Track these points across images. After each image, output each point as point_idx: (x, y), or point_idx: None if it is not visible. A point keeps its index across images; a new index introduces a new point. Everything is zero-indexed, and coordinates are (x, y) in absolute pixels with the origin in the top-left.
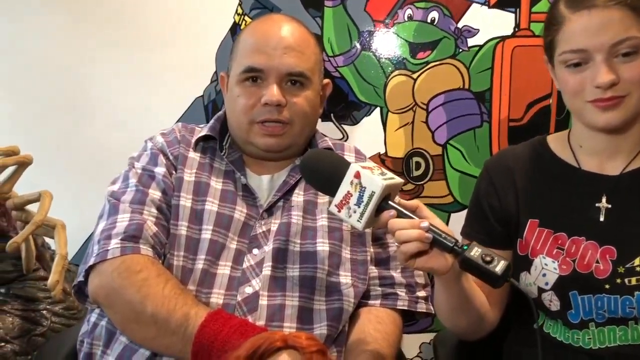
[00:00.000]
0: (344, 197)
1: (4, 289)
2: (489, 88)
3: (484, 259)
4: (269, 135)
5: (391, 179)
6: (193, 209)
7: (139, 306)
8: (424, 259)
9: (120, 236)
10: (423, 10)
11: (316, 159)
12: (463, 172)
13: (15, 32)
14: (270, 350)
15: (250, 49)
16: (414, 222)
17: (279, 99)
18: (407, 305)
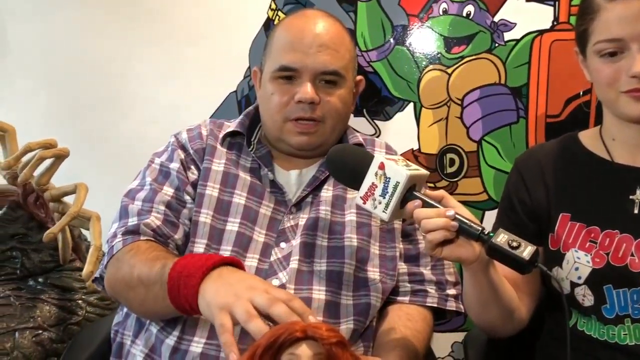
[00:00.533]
0: (369, 189)
1: (42, 279)
2: (526, 83)
3: (510, 245)
4: (302, 133)
5: (416, 170)
6: (220, 199)
7: (129, 274)
8: (451, 248)
9: (122, 232)
10: (458, 4)
11: (341, 153)
12: (498, 169)
13: (54, 30)
14: (290, 340)
15: (285, 47)
16: (440, 211)
17: (313, 96)
18: (437, 303)
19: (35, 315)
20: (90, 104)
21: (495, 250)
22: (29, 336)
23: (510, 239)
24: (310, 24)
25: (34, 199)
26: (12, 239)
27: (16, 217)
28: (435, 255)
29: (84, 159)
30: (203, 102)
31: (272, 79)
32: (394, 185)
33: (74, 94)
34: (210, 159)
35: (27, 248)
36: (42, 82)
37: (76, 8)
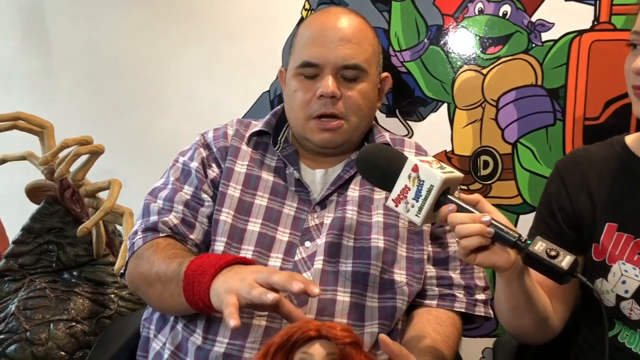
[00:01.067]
0: (401, 192)
1: (76, 272)
2: (564, 85)
3: (548, 254)
4: (325, 130)
5: (450, 173)
6: (241, 200)
7: (148, 270)
8: (486, 255)
9: (142, 229)
10: (495, 4)
11: (372, 153)
12: (534, 172)
13: (96, 29)
14: (303, 338)
15: (307, 42)
16: (475, 216)
17: (334, 90)
18: (465, 308)
19: (69, 308)
20: (129, 101)
21: (533, 259)
22: (63, 328)
23: (549, 247)
24: (332, 19)
25: (70, 194)
26: (49, 233)
27: (53, 211)
28: (469, 261)
29: (121, 156)
30: (238, 101)
31: (294, 76)
32: (427, 188)
33: (113, 91)
34: (233, 159)
35: (63, 242)
36: (83, 80)
37: (117, 8)
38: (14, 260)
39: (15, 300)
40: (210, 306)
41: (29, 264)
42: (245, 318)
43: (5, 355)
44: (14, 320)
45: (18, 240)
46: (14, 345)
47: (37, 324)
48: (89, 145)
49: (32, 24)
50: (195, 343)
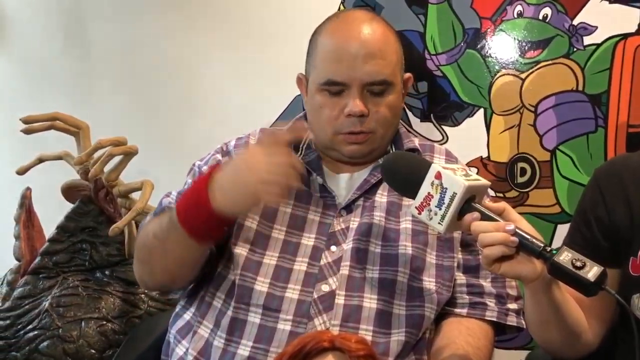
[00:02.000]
0: (424, 199)
1: (108, 271)
2: (606, 90)
3: (574, 264)
4: (353, 143)
5: (475, 180)
6: (266, 207)
7: (146, 238)
8: (510, 264)
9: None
10: (534, 7)
11: (397, 160)
12: (573, 180)
13: (133, 33)
14: (316, 350)
15: (330, 57)
16: (499, 225)
17: (362, 109)
18: (497, 317)
19: (100, 307)
20: (163, 104)
21: (558, 269)
22: (93, 326)
23: (575, 257)
24: (354, 31)
25: (104, 194)
26: (83, 232)
27: (87, 211)
28: (492, 270)
29: (154, 158)
30: (271, 104)
31: (318, 91)
32: (450, 196)
33: (148, 94)
34: None
35: (96, 241)
36: (119, 82)
37: (154, 12)
38: (48, 258)
39: (49, 298)
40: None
41: (63, 262)
42: (270, 322)
43: (38, 351)
44: (47, 317)
45: (53, 238)
46: (47, 341)
47: (69, 321)
48: (123, 146)
49: (73, 27)
50: (218, 347)
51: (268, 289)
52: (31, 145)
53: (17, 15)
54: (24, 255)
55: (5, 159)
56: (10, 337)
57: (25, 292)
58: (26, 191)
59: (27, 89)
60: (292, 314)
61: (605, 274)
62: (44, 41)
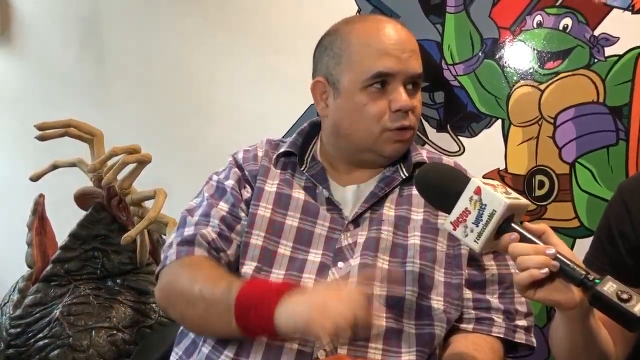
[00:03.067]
0: (460, 215)
1: (119, 280)
2: (628, 102)
3: (619, 296)
4: (399, 141)
5: (516, 199)
6: (272, 220)
7: (189, 288)
8: (547, 291)
9: (177, 243)
10: (555, 17)
11: (433, 172)
12: (593, 194)
13: (150, 40)
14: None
15: (375, 53)
16: (539, 248)
17: (412, 102)
18: (504, 333)
19: (111, 316)
20: (178, 111)
21: (601, 300)
22: (104, 335)
23: (620, 289)
24: (392, 29)
25: (117, 202)
26: (95, 240)
27: (100, 218)
28: (527, 297)
29: (168, 166)
30: (287, 112)
31: (362, 88)
32: (489, 213)
33: (163, 102)
34: (263, 179)
35: (108, 249)
36: (135, 89)
37: (169, 20)
38: (60, 266)
39: (60, 306)
40: (272, 332)
41: (75, 270)
42: (278, 341)
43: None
44: (58, 325)
45: (65, 245)
46: (57, 350)
47: (80, 330)
48: (136, 155)
49: (89, 34)
50: None
51: None
52: (46, 152)
53: (35, 22)
54: (36, 262)
55: (20, 165)
56: (20, 346)
57: (36, 299)
58: (39, 198)
59: (43, 95)
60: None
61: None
62: (60, 48)
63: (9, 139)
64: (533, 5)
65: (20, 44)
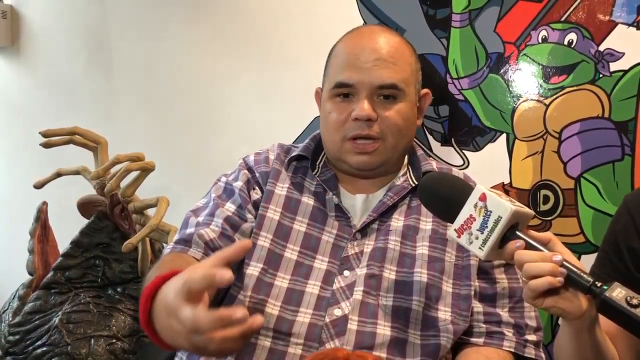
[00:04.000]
0: (465, 221)
1: (120, 289)
2: (633, 118)
3: (629, 302)
4: (361, 152)
5: (521, 207)
6: (280, 224)
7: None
8: (554, 299)
9: (175, 241)
10: (560, 32)
11: (437, 180)
12: (598, 209)
13: (157, 52)
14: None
15: (342, 64)
16: (545, 255)
17: (369, 113)
18: (515, 348)
19: (111, 324)
20: (185, 123)
21: (610, 307)
22: (103, 344)
23: (629, 295)
24: (367, 39)
25: (119, 210)
26: (97, 248)
27: (102, 226)
28: (535, 305)
29: (174, 176)
30: (293, 123)
31: (329, 98)
32: (495, 219)
33: (170, 113)
34: (274, 182)
35: (109, 257)
36: (141, 100)
37: (175, 33)
38: (61, 273)
39: (60, 313)
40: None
41: (75, 278)
42: (281, 346)
43: None
44: (57, 333)
45: (67, 253)
46: (55, 358)
47: (79, 338)
48: (140, 162)
49: (96, 46)
50: None
51: (279, 312)
52: (51, 163)
53: (44, 34)
54: (37, 269)
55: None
56: (18, 353)
57: (36, 307)
58: (42, 205)
59: (51, 106)
60: (304, 337)
61: None
62: (68, 60)
63: (15, 149)
64: (538, 21)
65: (29, 56)
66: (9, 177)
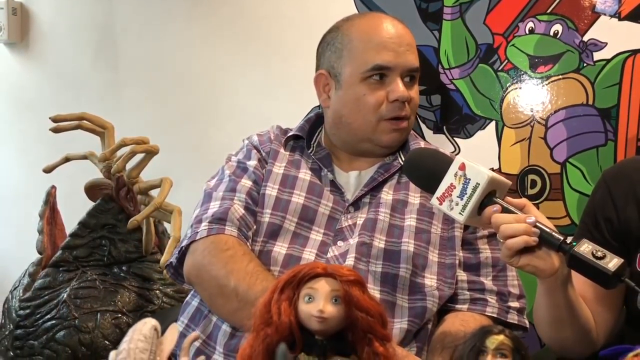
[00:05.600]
0: (446, 190)
1: (125, 267)
2: (616, 105)
3: (595, 255)
4: (396, 130)
5: (498, 176)
6: (278, 198)
7: (224, 280)
8: (529, 257)
9: (209, 219)
10: (546, 23)
11: (420, 154)
12: (583, 192)
13: (161, 47)
14: (310, 275)
15: (374, 47)
16: (519, 217)
17: (409, 94)
18: (497, 314)
19: (116, 300)
20: (188, 115)
21: (578, 260)
22: (109, 318)
23: (595, 249)
24: (389, 25)
25: (125, 192)
26: (103, 229)
27: (108, 208)
28: (511, 264)
29: (179, 167)
30: (292, 115)
31: (362, 80)
32: (473, 186)
33: (174, 105)
34: (272, 161)
35: (115, 238)
36: (146, 93)
37: (180, 27)
38: (69, 252)
39: (68, 289)
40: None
41: (83, 257)
42: None
43: (55, 340)
44: (65, 307)
45: (74, 233)
46: (63, 331)
47: (86, 312)
48: (145, 145)
49: (103, 41)
50: (225, 334)
51: (277, 274)
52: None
53: (53, 30)
54: (46, 249)
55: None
56: (29, 326)
57: (45, 283)
58: (51, 189)
59: (59, 100)
60: None
61: (626, 266)
62: (76, 55)
63: (24, 141)
64: (525, 13)
65: (38, 51)
66: (20, 167)
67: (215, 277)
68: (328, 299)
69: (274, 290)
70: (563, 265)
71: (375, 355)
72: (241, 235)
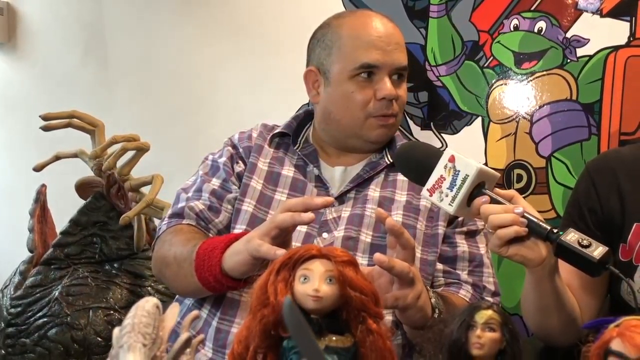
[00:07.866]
0: (436, 181)
1: (117, 264)
2: (599, 100)
3: (581, 243)
4: (382, 126)
5: (487, 168)
6: (262, 193)
7: (166, 251)
8: (517, 247)
9: (168, 216)
10: (530, 20)
11: (411, 147)
12: (568, 186)
13: (151, 44)
14: (305, 256)
15: (364, 45)
16: (508, 207)
17: (396, 92)
18: (470, 299)
19: (108, 297)
20: (179, 112)
21: (565, 249)
22: (101, 315)
23: (581, 237)
24: (378, 23)
25: (116, 190)
26: (94, 226)
27: (99, 206)
28: (500, 254)
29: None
30: (283, 114)
31: (350, 77)
32: (462, 178)
33: (165, 103)
34: (256, 156)
35: (106, 235)
36: (137, 91)
37: (170, 24)
38: (60, 250)
39: (59, 287)
40: (222, 279)
41: (74, 254)
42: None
43: (47, 338)
44: (57, 305)
45: (65, 231)
46: (55, 328)
47: (78, 309)
48: (135, 142)
49: (92, 39)
50: (214, 326)
51: None
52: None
53: (41, 29)
54: (37, 247)
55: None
56: (20, 324)
57: (36, 281)
58: (41, 187)
59: (48, 99)
60: None
61: (610, 254)
62: (64, 54)
63: (14, 142)
64: (510, 10)
65: (25, 50)
66: (10, 167)
67: (161, 254)
68: (323, 279)
69: (270, 272)
70: (550, 254)
71: (369, 332)
72: (199, 226)
